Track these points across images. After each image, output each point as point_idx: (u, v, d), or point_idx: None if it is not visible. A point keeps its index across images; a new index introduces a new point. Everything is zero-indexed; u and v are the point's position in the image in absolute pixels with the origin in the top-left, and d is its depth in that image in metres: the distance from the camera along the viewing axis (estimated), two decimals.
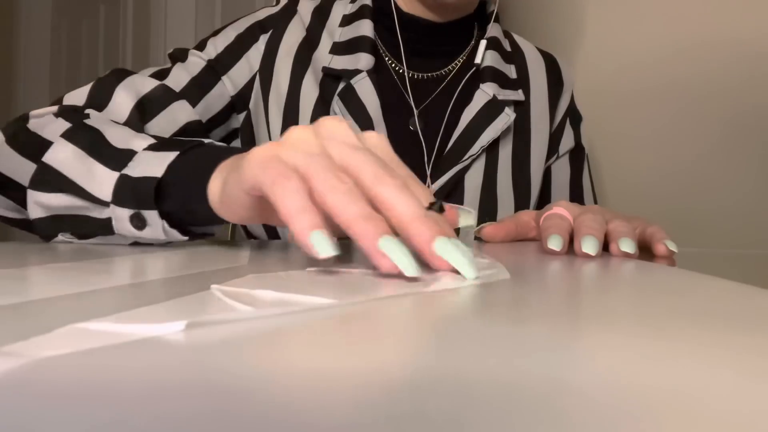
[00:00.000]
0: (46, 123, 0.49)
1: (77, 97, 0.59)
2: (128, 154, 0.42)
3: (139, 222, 0.41)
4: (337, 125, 0.32)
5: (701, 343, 0.16)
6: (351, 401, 0.11)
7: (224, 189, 0.35)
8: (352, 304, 0.20)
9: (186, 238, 0.43)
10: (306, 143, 0.30)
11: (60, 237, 0.46)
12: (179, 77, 0.65)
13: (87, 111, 0.54)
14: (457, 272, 0.27)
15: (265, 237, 0.71)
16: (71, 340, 0.14)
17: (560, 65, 0.82)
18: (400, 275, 0.26)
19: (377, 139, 0.33)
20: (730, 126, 0.94)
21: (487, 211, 0.71)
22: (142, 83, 0.62)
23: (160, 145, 0.43)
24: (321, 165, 0.29)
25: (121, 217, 0.42)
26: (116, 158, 0.42)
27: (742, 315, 0.21)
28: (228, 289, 0.22)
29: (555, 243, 0.44)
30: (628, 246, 0.44)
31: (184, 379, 0.12)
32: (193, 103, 0.65)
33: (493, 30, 0.76)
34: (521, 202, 0.74)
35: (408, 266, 0.25)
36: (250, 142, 0.72)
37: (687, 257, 0.50)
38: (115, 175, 0.41)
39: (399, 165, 0.32)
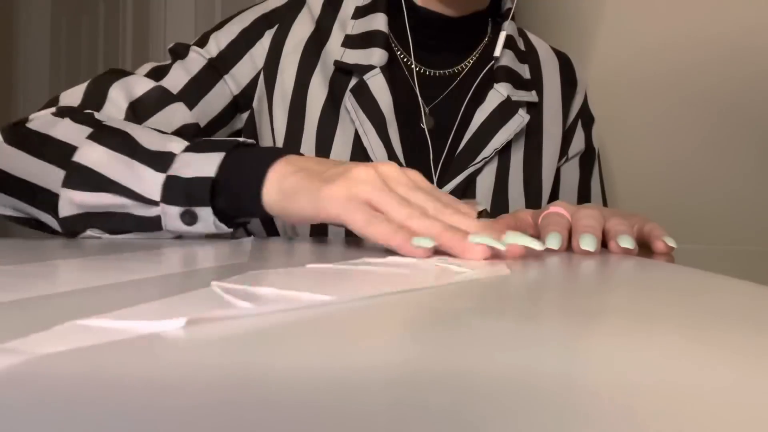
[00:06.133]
0: (52, 122, 0.51)
1: (73, 96, 0.59)
2: (168, 156, 0.47)
3: (190, 218, 0.46)
4: (393, 169, 0.41)
5: (704, 340, 0.16)
6: (353, 399, 0.11)
7: (292, 202, 0.42)
8: (352, 301, 0.20)
9: (231, 230, 0.48)
10: (373, 181, 0.39)
11: (88, 232, 0.49)
12: (177, 77, 0.64)
13: (86, 112, 0.54)
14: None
15: (264, 235, 0.71)
16: (71, 336, 0.14)
17: (574, 65, 0.81)
18: (398, 274, 0.26)
19: (417, 174, 0.43)
20: (737, 124, 0.94)
21: (498, 214, 0.70)
22: (136, 84, 0.61)
23: (195, 146, 0.47)
24: (394, 200, 0.38)
25: (171, 214, 0.46)
26: (157, 160, 0.46)
27: (743, 312, 0.21)
28: (228, 286, 0.22)
29: (554, 241, 0.44)
30: (627, 242, 0.44)
31: (184, 375, 0.12)
32: (191, 105, 0.63)
33: (509, 28, 0.74)
34: (532, 205, 0.73)
35: (498, 242, 0.35)
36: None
37: (686, 254, 0.50)
38: (161, 176, 0.46)
39: (440, 193, 0.42)
